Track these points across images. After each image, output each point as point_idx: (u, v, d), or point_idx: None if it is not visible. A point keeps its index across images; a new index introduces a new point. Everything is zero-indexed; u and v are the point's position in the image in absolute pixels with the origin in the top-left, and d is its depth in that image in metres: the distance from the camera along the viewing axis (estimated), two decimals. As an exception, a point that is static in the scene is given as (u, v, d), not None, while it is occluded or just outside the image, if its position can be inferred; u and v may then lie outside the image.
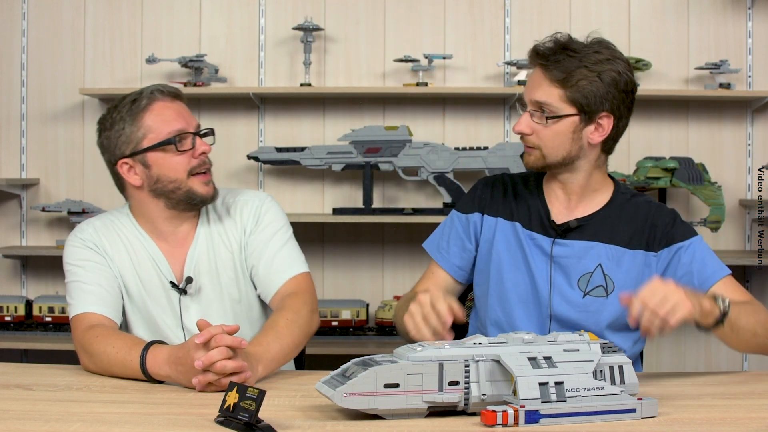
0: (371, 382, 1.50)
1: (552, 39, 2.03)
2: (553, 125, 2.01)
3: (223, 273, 2.15)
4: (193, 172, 2.08)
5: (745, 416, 1.61)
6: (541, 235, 2.09)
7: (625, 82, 2.01)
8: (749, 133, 3.85)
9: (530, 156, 2.06)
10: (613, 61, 2.01)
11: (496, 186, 2.18)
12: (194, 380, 1.74)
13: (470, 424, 1.52)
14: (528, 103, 2.04)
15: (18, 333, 3.78)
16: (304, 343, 2.03)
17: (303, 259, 2.19)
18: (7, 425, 1.51)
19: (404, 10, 3.87)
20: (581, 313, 2.05)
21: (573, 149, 2.03)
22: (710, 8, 3.84)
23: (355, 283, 3.89)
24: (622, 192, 2.13)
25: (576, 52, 1.99)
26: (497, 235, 2.13)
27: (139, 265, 2.12)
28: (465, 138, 3.87)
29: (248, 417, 1.45)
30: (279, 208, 2.23)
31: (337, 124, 3.87)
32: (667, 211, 2.11)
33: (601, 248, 2.06)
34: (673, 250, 2.05)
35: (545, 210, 2.11)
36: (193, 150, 2.08)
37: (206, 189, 2.09)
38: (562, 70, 1.98)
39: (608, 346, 1.62)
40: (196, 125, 2.11)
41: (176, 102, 2.10)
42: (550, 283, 2.07)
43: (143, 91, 2.09)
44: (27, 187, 3.93)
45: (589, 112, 2.00)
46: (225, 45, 3.88)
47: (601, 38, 2.05)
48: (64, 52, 3.90)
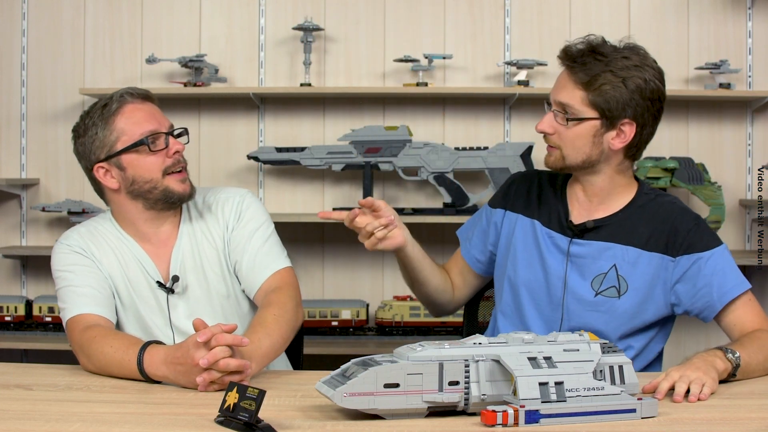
0: (371, 382, 1.50)
1: (584, 41, 2.02)
2: (573, 127, 2.00)
3: (209, 269, 2.16)
4: (168, 171, 2.09)
5: (745, 416, 1.61)
6: (559, 234, 2.09)
7: (651, 90, 1.99)
8: (749, 133, 3.85)
9: (550, 156, 2.07)
10: (642, 68, 1.99)
11: (523, 183, 2.20)
12: (198, 378, 1.74)
13: (470, 424, 1.52)
14: (553, 103, 2.04)
15: (18, 333, 3.78)
16: (291, 337, 2.03)
17: (285, 255, 2.21)
18: (7, 425, 1.51)
19: (404, 10, 3.87)
20: (592, 312, 2.04)
21: (593, 153, 2.02)
22: (710, 8, 3.84)
23: (355, 283, 3.89)
24: (646, 193, 2.10)
25: (604, 56, 1.98)
26: (516, 231, 2.15)
27: (126, 267, 2.13)
28: (465, 138, 3.87)
29: (248, 417, 1.45)
30: (260, 204, 2.25)
31: (337, 124, 3.87)
32: (691, 215, 2.07)
33: (618, 249, 2.04)
34: (693, 259, 2.01)
35: (565, 210, 2.11)
36: (167, 149, 2.09)
37: (182, 187, 2.11)
38: (586, 72, 1.97)
39: (608, 346, 1.62)
40: (168, 125, 2.12)
41: (147, 103, 2.12)
42: (565, 281, 2.07)
43: (113, 96, 2.11)
44: (27, 187, 3.93)
45: (611, 117, 1.98)
46: (225, 45, 3.88)
47: (634, 44, 2.02)
48: (64, 52, 3.90)
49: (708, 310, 2.02)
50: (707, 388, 1.69)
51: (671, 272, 2.03)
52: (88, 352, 1.93)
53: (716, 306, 2.01)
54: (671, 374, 1.72)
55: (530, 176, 2.22)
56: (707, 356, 1.80)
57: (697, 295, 2.01)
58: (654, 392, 1.69)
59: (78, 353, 1.98)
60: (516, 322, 2.13)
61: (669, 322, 2.12)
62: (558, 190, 2.15)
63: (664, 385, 1.70)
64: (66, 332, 2.06)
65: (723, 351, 1.83)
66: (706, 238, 2.04)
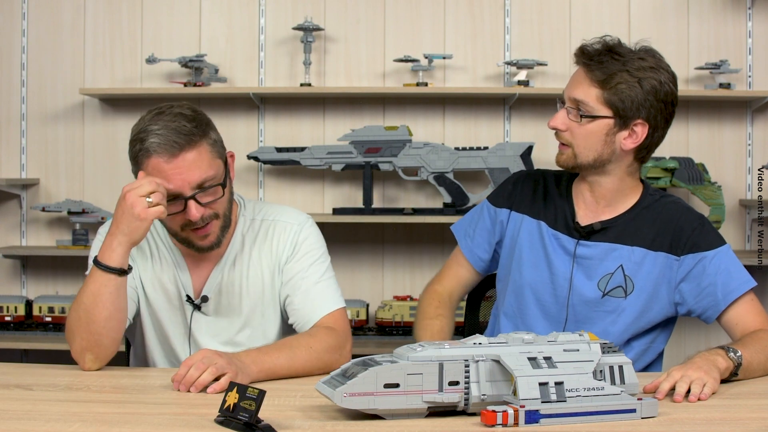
0: (371, 382, 1.50)
1: (600, 41, 2.03)
2: (587, 124, 2.00)
3: (246, 298, 2.10)
4: (188, 227, 1.98)
5: (745, 416, 1.61)
6: (565, 236, 2.09)
7: (665, 92, 2.00)
8: (749, 133, 3.85)
9: (562, 155, 2.06)
10: (657, 70, 2.00)
11: (528, 182, 2.19)
12: (174, 385, 1.75)
13: (470, 424, 1.52)
14: (566, 100, 2.04)
15: (18, 333, 3.78)
16: (312, 373, 1.91)
17: (340, 293, 2.14)
18: (7, 425, 1.51)
19: (404, 10, 3.87)
20: (598, 312, 2.05)
21: (605, 152, 2.02)
22: (710, 8, 3.84)
23: (355, 283, 3.89)
24: (651, 194, 2.11)
25: (621, 56, 1.99)
26: (522, 232, 2.14)
27: (161, 271, 2.09)
28: (465, 138, 3.87)
29: (248, 417, 1.45)
30: (318, 235, 2.16)
31: (337, 124, 3.87)
32: (695, 215, 2.09)
33: (624, 250, 2.05)
34: (697, 258, 2.03)
35: (571, 211, 2.11)
36: (184, 213, 1.94)
37: (203, 242, 2.00)
38: (603, 71, 1.98)
39: (608, 346, 1.62)
40: (195, 184, 1.92)
41: (174, 160, 1.90)
42: (570, 282, 2.07)
43: (148, 134, 1.91)
44: (27, 187, 3.93)
45: (625, 117, 1.99)
46: (225, 45, 3.88)
47: (649, 47, 2.04)
48: (64, 52, 3.90)
49: (711, 310, 2.02)
50: (708, 388, 1.69)
51: (676, 271, 2.03)
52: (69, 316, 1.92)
53: (720, 305, 2.01)
54: (672, 374, 1.72)
55: (535, 176, 2.21)
56: (709, 355, 1.80)
57: (701, 294, 2.02)
58: (655, 392, 1.69)
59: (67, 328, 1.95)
60: (518, 323, 2.12)
61: (671, 323, 2.12)
62: (563, 191, 2.15)
63: (665, 386, 1.70)
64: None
65: (725, 350, 1.83)
66: (710, 237, 2.05)
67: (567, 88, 2.05)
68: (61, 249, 3.77)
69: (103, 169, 3.89)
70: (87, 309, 1.89)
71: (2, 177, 3.89)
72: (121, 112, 3.88)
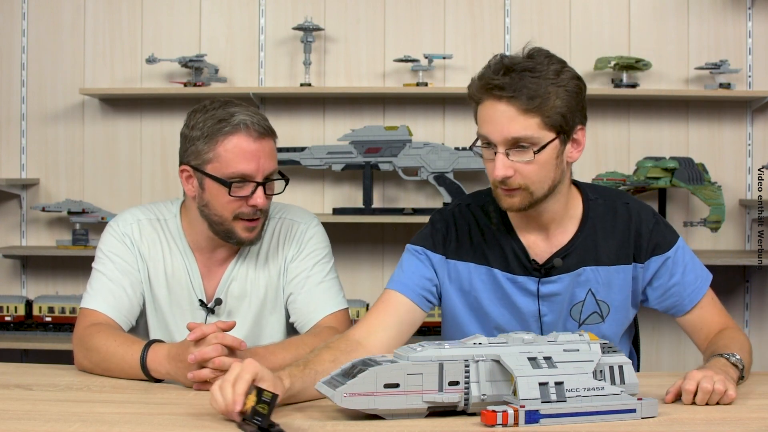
0: (371, 382, 1.50)
1: (500, 65, 1.83)
2: (537, 158, 1.80)
3: (255, 298, 2.11)
4: (240, 216, 2.01)
5: (745, 416, 1.61)
6: (524, 277, 1.93)
7: (581, 86, 1.85)
8: (749, 133, 3.85)
9: (513, 198, 1.83)
10: (566, 67, 1.83)
11: (459, 225, 1.98)
12: (189, 374, 1.74)
13: (470, 424, 1.52)
14: (499, 144, 1.80)
15: (18, 333, 3.78)
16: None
17: (342, 294, 2.14)
18: (7, 425, 1.51)
19: (404, 10, 3.87)
20: None
21: (557, 175, 1.84)
22: (710, 8, 3.84)
23: (355, 283, 3.89)
24: (591, 199, 1.97)
25: (537, 71, 1.78)
26: (474, 282, 1.95)
27: (172, 275, 2.09)
28: (465, 138, 3.87)
29: (261, 421, 1.45)
30: (323, 235, 2.17)
31: (337, 124, 3.87)
32: (645, 212, 1.97)
33: (589, 272, 1.92)
34: (661, 260, 1.95)
35: (520, 247, 1.93)
36: (248, 198, 1.99)
37: (248, 235, 2.03)
38: (530, 95, 1.77)
39: (608, 346, 1.62)
40: (268, 172, 2.01)
41: (260, 142, 2.00)
42: (540, 322, 1.95)
43: (235, 115, 1.99)
44: (27, 187, 3.93)
45: (567, 131, 1.82)
46: (225, 45, 3.88)
47: (538, 47, 1.85)
48: (64, 52, 3.90)
49: (675, 309, 1.99)
50: (731, 391, 1.67)
51: (642, 276, 1.96)
52: (87, 345, 1.92)
53: (686, 306, 1.98)
54: (694, 375, 1.67)
55: (459, 217, 1.99)
56: (718, 365, 1.76)
57: (666, 294, 1.97)
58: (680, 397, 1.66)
59: (77, 346, 1.97)
60: None
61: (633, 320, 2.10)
62: (500, 225, 1.95)
63: (689, 386, 1.65)
64: (77, 317, 2.04)
65: (725, 358, 1.79)
66: (667, 234, 1.97)
67: (493, 130, 1.80)
68: (61, 249, 3.77)
69: (103, 169, 3.88)
70: (107, 368, 1.90)
71: (2, 177, 3.89)
72: (121, 112, 3.88)
